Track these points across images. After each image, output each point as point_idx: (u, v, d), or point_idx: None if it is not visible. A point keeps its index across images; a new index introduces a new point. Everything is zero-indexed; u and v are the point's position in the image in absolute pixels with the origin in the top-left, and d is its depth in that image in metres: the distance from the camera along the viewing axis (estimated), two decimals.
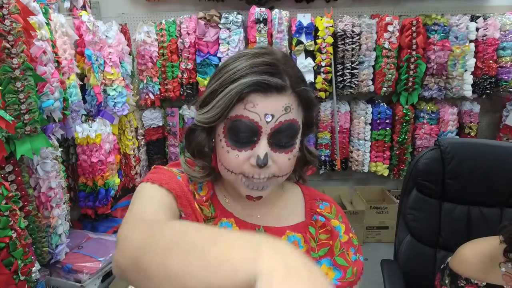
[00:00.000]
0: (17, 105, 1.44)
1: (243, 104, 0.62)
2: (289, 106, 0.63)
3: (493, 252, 0.95)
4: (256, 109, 0.61)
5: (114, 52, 2.34)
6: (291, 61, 0.68)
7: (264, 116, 0.62)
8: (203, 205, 0.70)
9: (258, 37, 2.64)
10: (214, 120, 0.64)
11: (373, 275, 2.49)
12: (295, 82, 0.64)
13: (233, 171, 0.65)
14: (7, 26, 1.38)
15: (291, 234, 0.72)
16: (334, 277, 0.71)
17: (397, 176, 3.04)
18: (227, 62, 0.67)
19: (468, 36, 2.78)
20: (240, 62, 0.64)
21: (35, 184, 1.65)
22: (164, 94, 2.80)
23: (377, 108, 2.91)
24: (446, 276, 1.03)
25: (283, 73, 0.63)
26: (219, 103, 0.63)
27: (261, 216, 0.74)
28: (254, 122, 0.62)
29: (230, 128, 0.64)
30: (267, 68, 0.62)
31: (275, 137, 0.63)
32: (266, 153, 0.62)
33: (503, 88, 2.86)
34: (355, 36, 2.72)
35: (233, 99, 0.61)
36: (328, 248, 0.73)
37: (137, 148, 2.81)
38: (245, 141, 0.63)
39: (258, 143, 0.63)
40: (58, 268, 1.88)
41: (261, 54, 0.65)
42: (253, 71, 0.62)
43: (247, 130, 0.62)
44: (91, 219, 2.40)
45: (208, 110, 0.65)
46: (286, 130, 0.63)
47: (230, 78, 0.63)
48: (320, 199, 0.80)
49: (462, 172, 1.31)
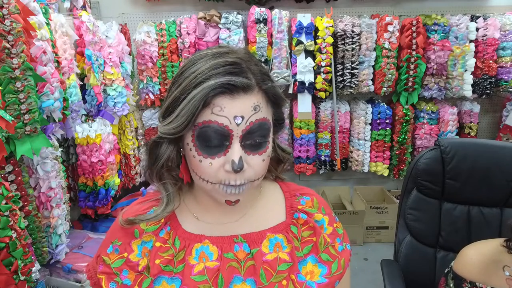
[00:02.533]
0: (17, 105, 1.44)
1: (210, 109, 0.59)
2: (258, 105, 0.61)
3: (496, 255, 0.94)
4: (224, 112, 0.58)
5: (114, 52, 2.34)
6: (253, 57, 0.66)
7: (234, 118, 0.59)
8: (161, 249, 0.67)
9: (258, 37, 2.65)
10: (180, 130, 0.60)
11: (373, 275, 2.51)
12: (260, 79, 0.62)
13: (210, 180, 0.62)
14: (7, 26, 1.38)
15: (272, 236, 0.70)
16: (320, 274, 0.70)
17: (397, 176, 3.04)
18: (186, 65, 0.63)
19: (468, 36, 2.78)
20: (201, 64, 0.61)
21: (35, 184, 1.65)
22: (164, 94, 2.80)
23: (377, 108, 2.91)
24: (450, 279, 1.02)
25: (247, 72, 0.61)
26: (184, 111, 0.59)
27: (239, 220, 0.71)
28: (224, 126, 0.59)
29: (199, 135, 0.60)
30: (230, 68, 0.59)
31: (247, 138, 0.61)
32: (241, 156, 0.60)
33: (503, 88, 2.86)
34: (355, 36, 2.72)
35: (199, 104, 0.58)
36: (312, 245, 0.71)
37: (137, 148, 2.81)
38: (217, 146, 0.60)
39: (231, 147, 0.60)
40: (58, 268, 1.88)
41: (221, 54, 0.62)
42: (216, 73, 0.59)
43: (217, 135, 0.59)
44: (91, 219, 2.40)
45: (173, 120, 0.61)
46: (258, 130, 0.61)
47: (192, 83, 0.59)
48: (300, 194, 0.77)
49: (462, 172, 1.31)
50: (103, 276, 0.69)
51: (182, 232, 0.70)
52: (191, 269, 0.66)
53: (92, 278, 0.73)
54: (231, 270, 0.67)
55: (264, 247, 0.69)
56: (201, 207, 0.72)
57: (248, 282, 0.66)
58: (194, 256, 0.67)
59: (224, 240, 0.69)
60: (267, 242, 0.70)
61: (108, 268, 0.69)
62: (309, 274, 0.69)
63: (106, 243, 0.72)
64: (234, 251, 0.68)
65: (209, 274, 0.66)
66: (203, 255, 0.67)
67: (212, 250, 0.68)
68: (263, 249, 0.69)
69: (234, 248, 0.68)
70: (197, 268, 0.66)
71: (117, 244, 0.70)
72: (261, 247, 0.69)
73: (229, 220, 0.71)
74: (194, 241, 0.69)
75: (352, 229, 2.82)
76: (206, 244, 0.68)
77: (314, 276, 0.69)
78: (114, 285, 0.68)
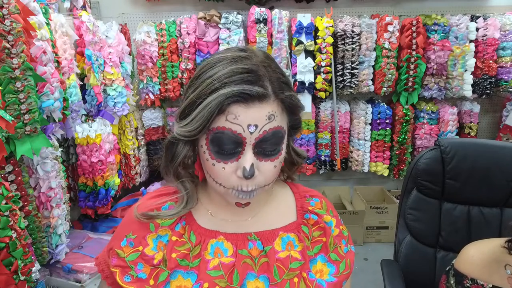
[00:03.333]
0: (17, 105, 1.44)
1: (225, 116, 0.59)
2: (273, 114, 0.61)
3: (498, 254, 0.94)
4: (238, 120, 0.59)
5: (114, 52, 2.34)
6: (273, 63, 0.65)
7: (247, 127, 0.59)
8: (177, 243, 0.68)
9: (258, 37, 2.65)
10: (195, 134, 0.62)
11: (373, 275, 2.51)
12: (278, 87, 0.62)
13: (223, 184, 0.63)
14: (7, 26, 1.38)
15: (285, 235, 0.72)
16: (329, 273, 0.71)
17: (397, 176, 3.04)
18: (204, 68, 0.63)
19: (468, 36, 2.78)
20: (218, 68, 0.61)
21: (35, 184, 1.65)
22: (164, 94, 2.80)
23: (377, 108, 2.91)
24: (451, 277, 1.02)
25: (264, 80, 0.60)
26: (199, 116, 0.60)
27: (252, 219, 0.73)
28: (237, 134, 0.60)
29: (213, 140, 0.61)
30: (247, 76, 0.59)
31: (260, 146, 0.61)
32: (252, 163, 0.61)
33: (503, 88, 2.86)
34: (355, 36, 2.72)
35: (214, 111, 0.58)
36: (321, 245, 0.74)
37: (137, 148, 2.81)
38: (230, 152, 0.61)
39: (243, 154, 0.61)
40: (58, 268, 1.88)
41: (240, 58, 0.61)
42: (232, 80, 0.59)
43: (231, 142, 0.60)
44: (91, 219, 2.40)
45: (188, 123, 0.62)
46: (271, 138, 0.61)
47: (208, 88, 0.60)
48: (310, 196, 0.79)
49: (462, 172, 1.31)
50: (117, 269, 0.69)
51: (197, 227, 0.71)
52: (207, 264, 0.67)
53: (104, 271, 0.73)
54: (245, 266, 0.68)
55: (277, 245, 0.70)
56: (215, 204, 0.73)
57: (261, 278, 0.68)
58: (210, 251, 0.68)
59: (238, 237, 0.70)
60: (280, 241, 0.71)
61: (123, 261, 0.69)
62: (318, 273, 0.71)
63: (119, 236, 0.72)
64: (248, 248, 0.69)
65: (225, 270, 0.67)
66: (218, 251, 0.69)
67: (227, 246, 0.69)
68: (275, 247, 0.70)
69: (248, 245, 0.70)
70: (212, 263, 0.67)
71: (132, 238, 0.70)
72: (274, 245, 0.70)
73: (241, 219, 0.73)
74: (209, 237, 0.70)
75: (352, 229, 2.81)
76: (221, 240, 0.69)
77: (323, 274, 0.71)
78: (129, 278, 0.68)
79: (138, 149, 2.84)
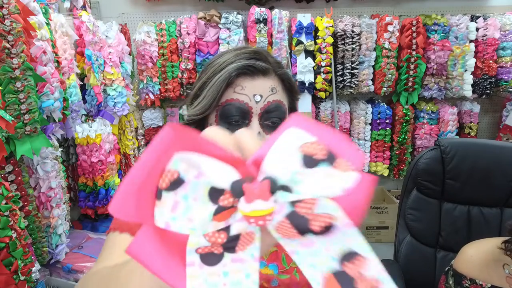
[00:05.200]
0: (17, 105, 1.44)
1: (232, 88, 0.66)
2: (275, 87, 0.68)
3: (496, 254, 0.94)
4: (245, 91, 0.66)
5: (114, 52, 2.34)
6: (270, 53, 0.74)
7: (253, 96, 0.66)
8: None
9: (258, 37, 2.64)
10: (206, 109, 0.67)
11: None
12: (276, 66, 0.71)
13: None
14: (7, 26, 1.38)
15: None
16: None
17: (397, 176, 3.04)
18: (213, 59, 0.73)
19: (468, 36, 2.78)
20: (226, 55, 0.70)
21: (35, 184, 1.65)
22: (164, 94, 2.80)
23: (377, 108, 2.91)
24: (450, 277, 1.02)
25: (266, 59, 0.69)
26: (209, 91, 0.67)
27: None
28: (244, 104, 0.66)
29: (222, 114, 0.66)
30: (252, 54, 0.69)
31: (265, 118, 0.67)
32: (259, 132, 0.65)
33: (503, 88, 2.86)
34: (355, 36, 2.72)
35: (223, 84, 0.65)
36: None
37: (137, 148, 2.81)
38: (237, 124, 0.66)
39: (250, 125, 0.66)
40: (58, 268, 1.88)
41: (243, 47, 0.72)
42: (239, 58, 0.67)
43: (238, 112, 0.65)
44: (91, 219, 2.40)
45: (200, 102, 0.68)
46: (275, 110, 0.67)
47: (218, 68, 0.67)
48: None
49: (462, 172, 1.31)
50: None
51: None
52: None
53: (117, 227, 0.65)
54: None
55: None
56: None
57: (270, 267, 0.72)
58: None
59: None
60: None
61: None
62: None
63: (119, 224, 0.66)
64: None
65: None
66: None
67: None
68: None
69: None
70: None
71: None
72: None
73: None
74: None
75: None
76: None
77: None
78: None
79: (138, 149, 2.84)
